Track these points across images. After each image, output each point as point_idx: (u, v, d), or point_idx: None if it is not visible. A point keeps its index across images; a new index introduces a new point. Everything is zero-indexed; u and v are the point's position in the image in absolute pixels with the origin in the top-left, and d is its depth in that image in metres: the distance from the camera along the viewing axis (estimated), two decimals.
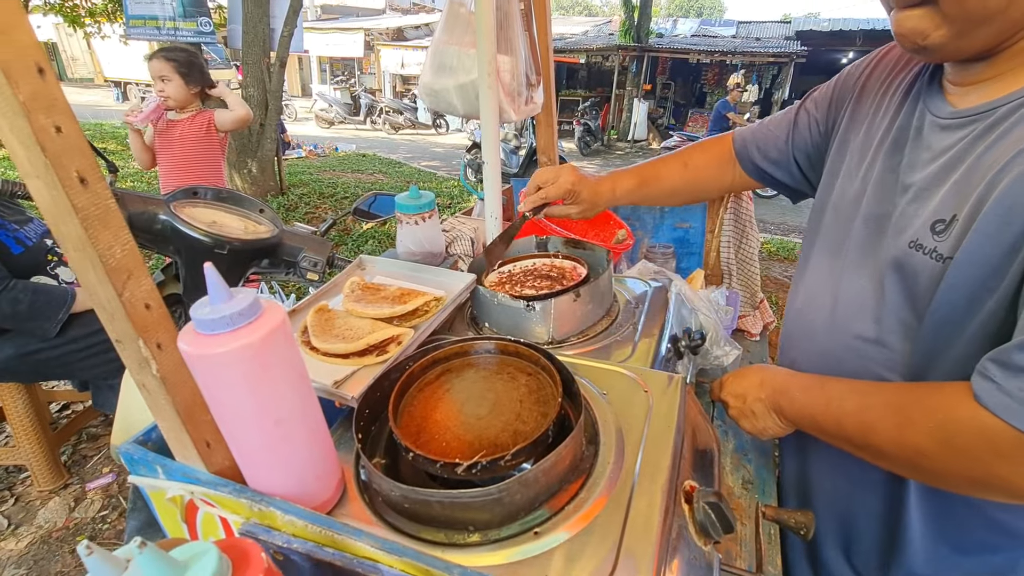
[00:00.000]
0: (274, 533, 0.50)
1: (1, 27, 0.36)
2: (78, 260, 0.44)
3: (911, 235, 0.64)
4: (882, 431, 0.62)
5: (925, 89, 0.71)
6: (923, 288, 0.63)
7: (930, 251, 0.61)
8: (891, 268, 0.67)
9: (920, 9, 0.59)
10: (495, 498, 0.51)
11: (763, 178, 1.03)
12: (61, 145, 0.40)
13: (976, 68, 0.63)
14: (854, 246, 0.75)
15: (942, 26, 0.58)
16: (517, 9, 1.23)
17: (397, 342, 0.77)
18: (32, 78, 0.39)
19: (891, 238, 0.68)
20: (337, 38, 19.34)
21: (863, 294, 0.71)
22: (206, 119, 2.71)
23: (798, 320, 0.86)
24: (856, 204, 0.76)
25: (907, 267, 0.64)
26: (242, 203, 1.39)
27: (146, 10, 5.26)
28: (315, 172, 8.08)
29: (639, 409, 0.69)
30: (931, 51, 0.61)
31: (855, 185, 0.77)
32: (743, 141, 1.03)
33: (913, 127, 0.70)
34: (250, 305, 0.46)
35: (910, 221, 0.65)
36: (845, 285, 0.75)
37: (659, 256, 1.43)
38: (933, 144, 0.67)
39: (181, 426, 0.52)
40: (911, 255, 0.64)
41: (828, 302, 0.78)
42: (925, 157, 0.67)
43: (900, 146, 0.71)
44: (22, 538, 1.92)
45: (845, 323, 0.74)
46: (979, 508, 0.68)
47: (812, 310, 0.82)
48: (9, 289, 1.64)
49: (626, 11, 14.10)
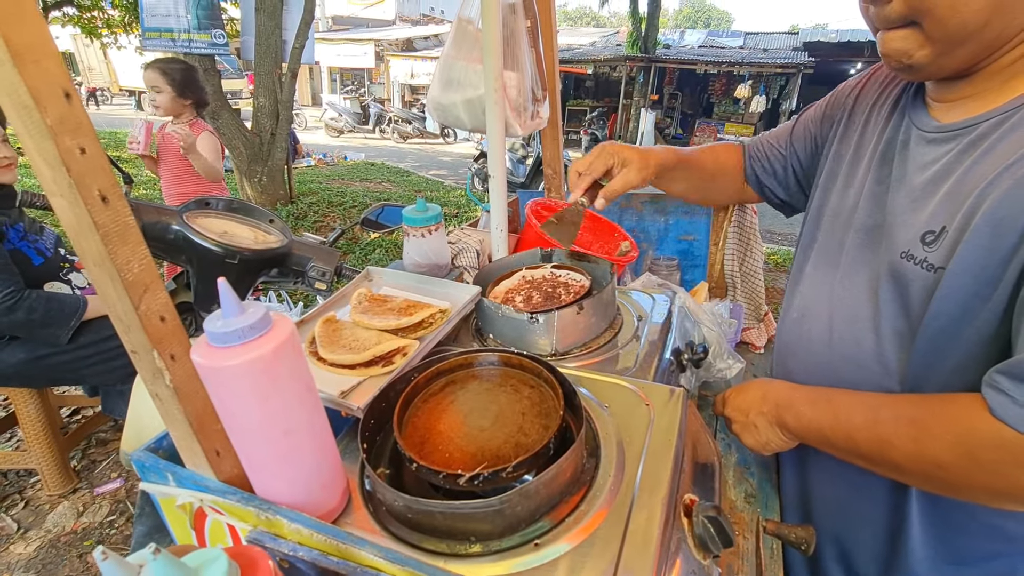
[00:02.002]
0: (281, 541, 0.52)
1: (33, 56, 0.39)
2: (97, 274, 0.46)
3: (902, 245, 0.66)
4: (898, 445, 0.62)
5: (910, 104, 0.74)
6: (916, 297, 0.65)
7: (920, 261, 0.63)
8: (885, 278, 0.68)
9: (904, 30, 0.62)
10: (496, 509, 0.52)
11: (762, 191, 1.05)
12: (85, 166, 0.42)
13: (957, 86, 0.66)
14: (849, 257, 0.76)
15: (925, 46, 0.61)
16: (523, 26, 1.25)
17: (403, 353, 0.78)
18: (59, 103, 0.41)
19: (884, 249, 0.70)
20: (348, 49, 19.62)
21: (859, 304, 0.73)
22: (201, 129, 2.78)
23: (794, 331, 0.87)
24: (850, 215, 0.78)
25: (900, 277, 0.66)
26: (252, 213, 1.42)
27: (162, 22, 5.37)
28: (324, 181, 8.17)
29: (640, 422, 0.69)
30: (915, 69, 0.64)
31: (849, 197, 0.79)
32: (748, 152, 1.06)
33: (900, 140, 0.73)
34: (261, 319, 0.47)
35: (900, 232, 0.67)
36: (841, 295, 0.76)
37: (663, 268, 1.44)
38: (919, 157, 0.69)
39: (192, 435, 0.53)
40: (903, 265, 0.66)
41: (824, 312, 0.79)
42: (912, 169, 0.70)
43: (888, 159, 0.74)
44: (31, 542, 1.94)
45: (841, 333, 0.75)
46: (978, 514, 0.69)
47: (808, 321, 0.83)
48: (25, 298, 1.70)
49: (633, 22, 14.20)
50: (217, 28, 5.55)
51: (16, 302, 1.67)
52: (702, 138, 14.48)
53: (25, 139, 0.41)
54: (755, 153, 1.04)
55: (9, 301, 1.66)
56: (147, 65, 2.68)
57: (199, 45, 5.45)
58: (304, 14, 5.52)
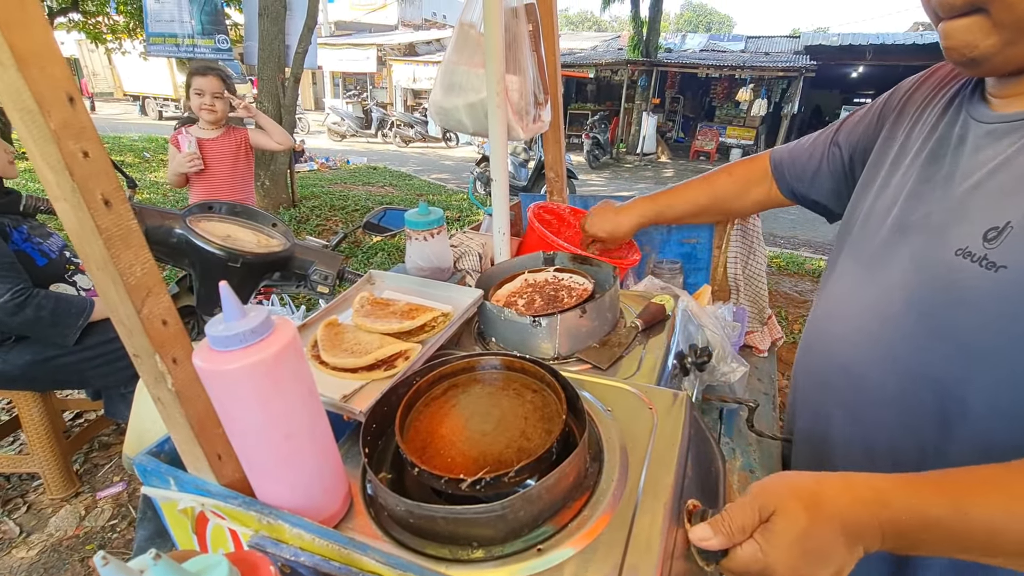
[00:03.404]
0: (282, 546, 0.51)
1: (37, 61, 0.39)
2: (100, 278, 0.46)
3: (957, 243, 0.62)
4: None
5: (967, 100, 0.70)
6: (971, 298, 0.60)
7: (980, 259, 0.59)
8: (926, 277, 0.65)
9: (969, 18, 0.57)
10: (499, 514, 0.52)
11: (796, 198, 1.03)
12: (88, 169, 0.43)
13: (1022, 81, 0.62)
14: (881, 255, 0.73)
15: (992, 34, 0.57)
16: (525, 30, 1.26)
17: (405, 357, 0.78)
18: (63, 107, 0.41)
19: (928, 247, 0.66)
20: (350, 53, 19.72)
21: (890, 303, 0.69)
22: (241, 137, 2.71)
23: (814, 332, 0.85)
24: (886, 214, 0.74)
25: (951, 276, 0.62)
26: (255, 217, 1.42)
27: (166, 28, 5.41)
28: (327, 184, 8.20)
29: (643, 426, 0.69)
30: (979, 63, 0.60)
31: (886, 197, 0.75)
32: (780, 160, 1.04)
33: (955, 136, 0.69)
34: (263, 323, 0.47)
35: (954, 229, 0.63)
36: (870, 294, 0.73)
37: (666, 272, 1.44)
38: (978, 151, 0.65)
39: (194, 439, 0.53)
40: (957, 263, 0.61)
41: (850, 312, 0.76)
42: (969, 164, 0.65)
43: (940, 156, 0.70)
44: (33, 546, 1.94)
45: (866, 333, 0.72)
46: None
47: (832, 321, 0.80)
48: (34, 297, 1.71)
49: (635, 26, 14.24)
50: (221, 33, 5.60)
51: (26, 299, 1.68)
52: (704, 141, 14.49)
53: (29, 143, 0.41)
54: (789, 160, 1.02)
55: (19, 298, 1.66)
56: (201, 71, 2.57)
57: (203, 50, 5.49)
58: (307, 19, 5.55)
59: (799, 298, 4.60)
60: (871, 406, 0.74)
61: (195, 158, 2.55)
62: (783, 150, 1.05)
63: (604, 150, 13.03)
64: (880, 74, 15.25)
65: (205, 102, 2.56)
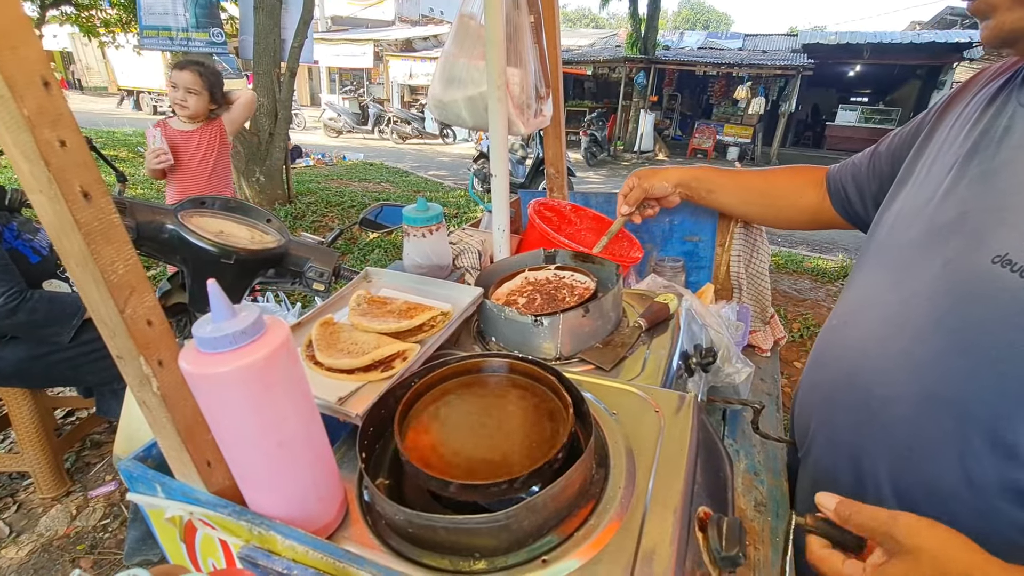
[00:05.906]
0: (274, 558, 0.49)
1: (9, 42, 0.36)
2: (80, 275, 0.43)
3: (995, 248, 0.56)
4: None
5: (1018, 89, 0.64)
6: (1004, 313, 0.55)
7: (1021, 268, 0.54)
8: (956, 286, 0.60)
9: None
10: (502, 524, 0.49)
11: (844, 210, 0.98)
12: (65, 159, 0.40)
13: None
14: (905, 261, 0.68)
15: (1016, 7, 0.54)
16: (527, 22, 1.23)
17: (403, 358, 0.75)
18: (37, 92, 0.38)
19: (961, 253, 0.61)
20: (347, 49, 19.58)
21: (909, 310, 0.65)
22: (217, 128, 2.69)
23: (828, 339, 0.81)
24: (914, 217, 0.69)
25: (982, 287, 0.57)
26: (249, 213, 1.39)
27: (160, 21, 5.34)
28: (323, 181, 8.14)
29: (650, 430, 0.67)
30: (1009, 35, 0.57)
31: (920, 196, 0.70)
32: (833, 169, 1.01)
33: (1001, 127, 0.63)
34: (253, 323, 0.44)
35: (992, 232, 0.58)
36: (889, 301, 0.69)
37: (668, 270, 1.41)
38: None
39: (181, 445, 0.50)
40: (993, 273, 0.56)
41: (867, 318, 0.72)
42: (1013, 158, 0.59)
43: (980, 149, 0.64)
44: (23, 546, 1.91)
45: (883, 342, 0.68)
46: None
47: (847, 328, 0.77)
48: (27, 300, 1.69)
49: (633, 24, 14.19)
50: (215, 27, 5.53)
51: (18, 304, 1.66)
52: (701, 139, 14.46)
53: (1, 131, 0.38)
54: (848, 172, 0.97)
55: (11, 303, 1.65)
56: (180, 65, 2.53)
57: (198, 44, 5.42)
58: (303, 13, 5.49)
59: (798, 297, 4.60)
60: (877, 427, 0.69)
61: (161, 153, 2.50)
62: (838, 164, 1.01)
63: (602, 147, 12.99)
64: (877, 73, 15.29)
65: (178, 96, 2.53)
